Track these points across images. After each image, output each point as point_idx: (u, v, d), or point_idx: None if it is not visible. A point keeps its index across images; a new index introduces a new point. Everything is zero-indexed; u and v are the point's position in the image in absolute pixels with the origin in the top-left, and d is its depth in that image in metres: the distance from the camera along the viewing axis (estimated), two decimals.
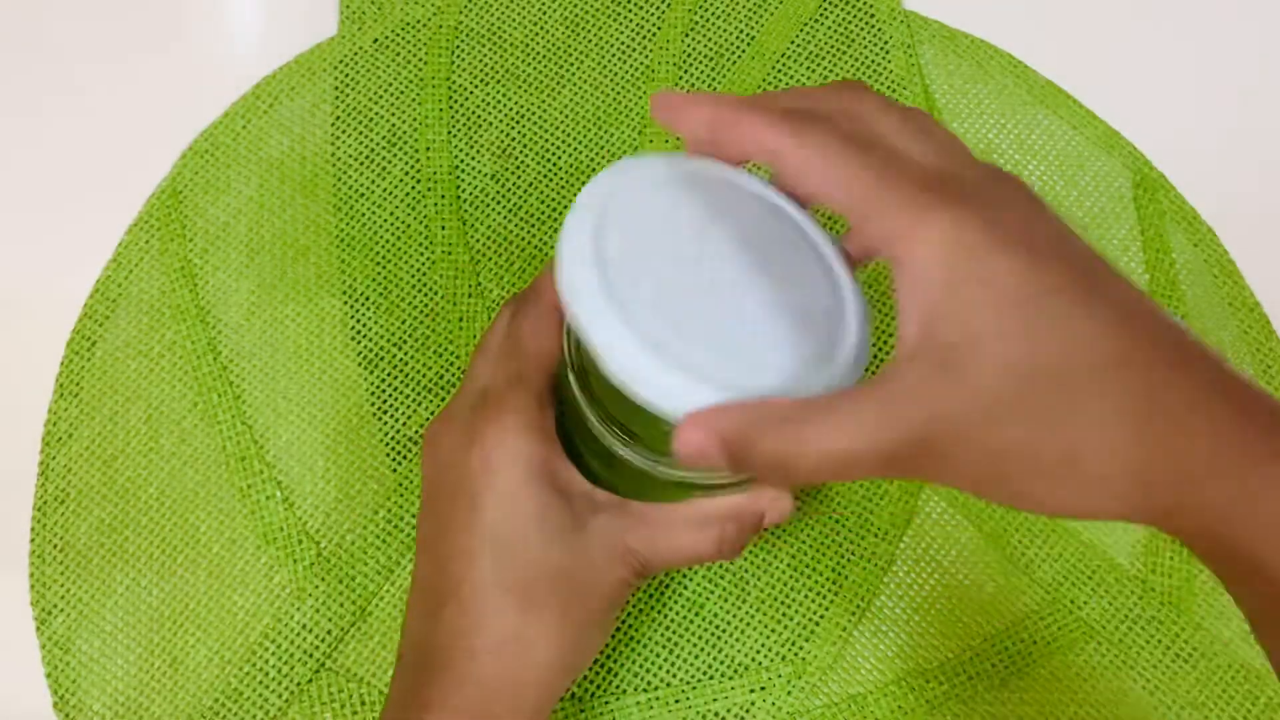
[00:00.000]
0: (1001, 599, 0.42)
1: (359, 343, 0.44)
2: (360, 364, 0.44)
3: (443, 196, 0.46)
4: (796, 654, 0.41)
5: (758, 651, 0.41)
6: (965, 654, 0.41)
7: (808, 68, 0.48)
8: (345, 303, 0.44)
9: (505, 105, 0.47)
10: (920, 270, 0.23)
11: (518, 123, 0.47)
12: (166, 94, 0.47)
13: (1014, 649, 0.41)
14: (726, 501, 0.34)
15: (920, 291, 0.23)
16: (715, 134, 0.26)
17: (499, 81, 0.47)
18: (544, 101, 0.47)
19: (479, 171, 0.46)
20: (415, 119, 0.47)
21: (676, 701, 0.40)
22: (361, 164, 0.46)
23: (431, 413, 0.43)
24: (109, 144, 0.47)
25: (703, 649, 0.41)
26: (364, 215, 0.45)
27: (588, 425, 0.33)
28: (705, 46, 0.48)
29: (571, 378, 0.33)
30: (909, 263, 0.23)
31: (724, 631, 0.41)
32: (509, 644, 0.32)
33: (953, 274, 0.23)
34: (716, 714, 0.40)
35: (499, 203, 0.46)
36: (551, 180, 0.46)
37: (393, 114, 0.47)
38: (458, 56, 0.48)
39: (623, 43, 0.48)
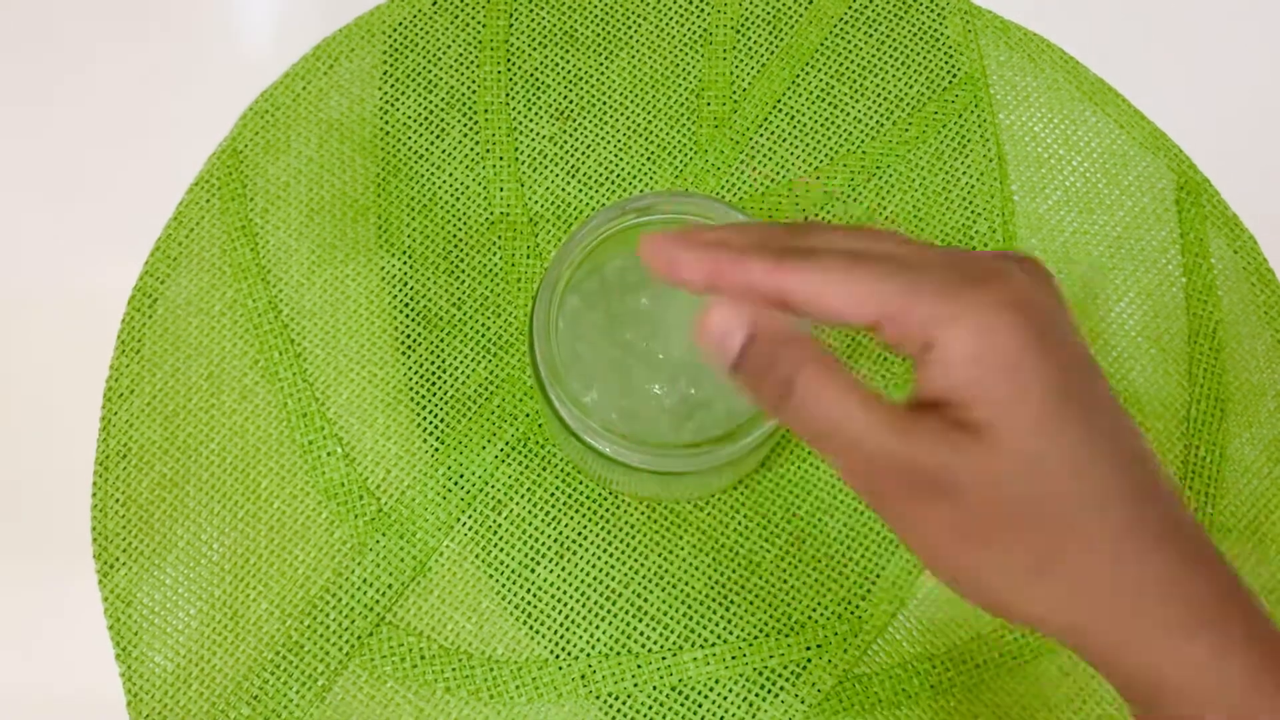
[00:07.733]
0: None
1: (419, 302, 0.44)
2: (420, 323, 0.44)
3: (501, 158, 0.46)
4: (853, 612, 0.41)
5: (814, 609, 0.41)
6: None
7: (865, 33, 0.48)
8: (405, 262, 0.45)
9: (563, 67, 0.47)
10: (958, 350, 0.23)
11: (575, 85, 0.47)
12: (227, 55, 0.48)
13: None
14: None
15: (956, 369, 0.23)
16: (715, 283, 0.25)
17: (557, 44, 0.47)
18: (601, 64, 0.47)
19: (537, 133, 0.46)
20: (473, 81, 0.47)
21: (733, 658, 0.41)
22: (421, 126, 0.46)
23: (491, 372, 0.43)
24: (170, 104, 0.47)
25: (759, 606, 0.41)
26: (424, 176, 0.46)
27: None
28: (763, 9, 0.48)
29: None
30: (947, 343, 0.23)
31: (779, 589, 0.41)
32: None
33: (988, 357, 0.23)
34: (773, 670, 0.40)
35: (557, 164, 0.46)
36: (609, 142, 0.46)
37: (451, 76, 0.47)
38: (515, 19, 0.48)
39: (680, 5, 0.48)
